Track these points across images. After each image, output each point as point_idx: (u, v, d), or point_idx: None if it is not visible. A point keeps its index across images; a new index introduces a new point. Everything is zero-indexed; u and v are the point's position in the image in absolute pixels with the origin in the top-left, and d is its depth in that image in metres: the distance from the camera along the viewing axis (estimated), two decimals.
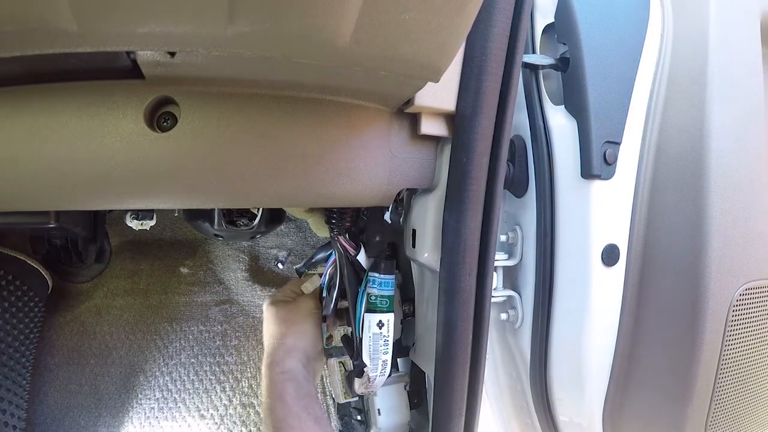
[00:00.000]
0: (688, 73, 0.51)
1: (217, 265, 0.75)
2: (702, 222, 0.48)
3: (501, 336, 0.59)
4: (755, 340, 0.53)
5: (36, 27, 0.21)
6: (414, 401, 0.58)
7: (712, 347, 0.49)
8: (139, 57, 0.27)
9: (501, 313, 0.56)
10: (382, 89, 0.33)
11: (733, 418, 0.53)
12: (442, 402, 0.42)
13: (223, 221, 0.53)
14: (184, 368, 0.71)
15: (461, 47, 0.37)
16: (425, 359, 0.52)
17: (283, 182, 0.34)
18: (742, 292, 0.50)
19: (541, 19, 0.54)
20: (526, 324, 0.54)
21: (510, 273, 0.56)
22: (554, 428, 0.56)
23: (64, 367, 0.66)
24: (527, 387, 0.56)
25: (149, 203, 0.33)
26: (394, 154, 0.39)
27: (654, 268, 0.51)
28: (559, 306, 0.51)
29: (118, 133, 0.30)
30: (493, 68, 0.38)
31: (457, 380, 0.41)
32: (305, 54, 0.25)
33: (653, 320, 0.51)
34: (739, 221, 0.50)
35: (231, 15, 0.21)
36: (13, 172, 0.30)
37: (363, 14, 0.22)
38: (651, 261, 0.51)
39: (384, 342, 0.49)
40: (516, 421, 0.61)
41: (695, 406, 0.49)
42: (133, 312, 0.70)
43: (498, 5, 0.37)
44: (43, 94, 0.30)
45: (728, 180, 0.49)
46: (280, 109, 0.33)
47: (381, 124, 0.38)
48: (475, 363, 0.42)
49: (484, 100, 0.37)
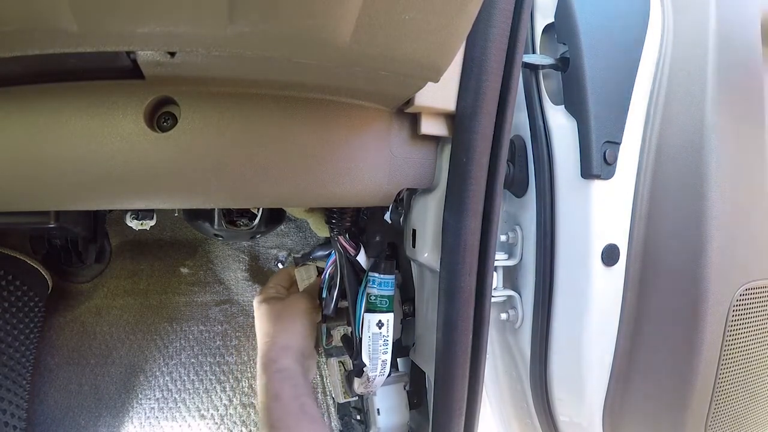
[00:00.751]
0: (688, 73, 0.51)
1: (217, 265, 0.75)
2: (702, 222, 0.48)
3: (501, 336, 0.59)
4: (755, 340, 0.53)
5: (36, 27, 0.21)
6: (414, 401, 0.58)
7: (712, 347, 0.49)
8: (139, 57, 0.27)
9: (501, 313, 0.56)
10: (382, 89, 0.33)
11: (733, 418, 0.53)
12: (442, 402, 0.42)
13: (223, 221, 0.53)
14: (184, 368, 0.71)
15: (461, 47, 0.37)
16: (425, 359, 0.52)
17: (283, 182, 0.34)
18: (742, 292, 0.50)
19: (541, 19, 0.54)
20: (526, 324, 0.54)
21: (510, 273, 0.56)
22: (554, 428, 0.56)
23: (64, 367, 0.66)
24: (527, 387, 0.56)
25: (149, 203, 0.33)
26: (394, 154, 0.39)
27: (654, 268, 0.51)
28: (559, 306, 0.51)
29: (118, 133, 0.30)
30: (493, 68, 0.38)
31: (457, 380, 0.41)
32: (305, 54, 0.25)
33: (653, 320, 0.51)
34: (739, 221, 0.50)
35: (231, 15, 0.21)
36: (13, 172, 0.30)
37: (363, 14, 0.22)
38: (651, 261, 0.51)
39: (384, 342, 0.49)
40: (516, 421, 0.61)
41: (695, 406, 0.49)
42: (133, 312, 0.70)
43: (498, 5, 0.37)
44: (43, 94, 0.30)
45: (728, 180, 0.49)
46: (280, 109, 0.33)
47: (381, 124, 0.38)
48: (475, 363, 0.42)
49: (484, 100, 0.37)
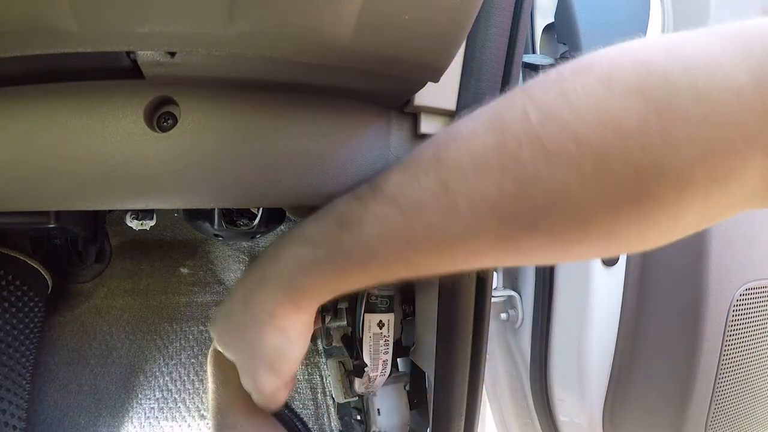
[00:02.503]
0: None
1: (217, 265, 0.75)
2: None
3: (501, 336, 0.59)
4: (755, 340, 0.53)
5: (36, 27, 0.21)
6: (414, 401, 0.58)
7: (712, 347, 0.49)
8: (139, 57, 0.27)
9: (501, 313, 0.56)
10: (382, 89, 0.33)
11: (733, 418, 0.53)
12: (442, 402, 0.42)
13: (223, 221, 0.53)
14: (184, 368, 0.71)
15: (461, 47, 0.37)
16: (425, 359, 0.52)
17: (283, 182, 0.34)
18: (742, 292, 0.50)
19: (541, 19, 0.54)
20: (526, 324, 0.54)
21: (510, 273, 0.56)
22: (554, 428, 0.56)
23: (64, 367, 0.66)
24: (527, 387, 0.56)
25: (149, 203, 0.33)
26: (394, 154, 0.39)
27: (654, 268, 0.51)
28: (559, 306, 0.51)
29: (118, 133, 0.30)
30: (493, 68, 0.38)
31: (457, 380, 0.41)
32: (305, 54, 0.25)
33: (653, 320, 0.51)
34: (740, 221, 0.50)
35: (231, 15, 0.21)
36: (13, 172, 0.30)
37: (363, 14, 0.22)
38: (651, 261, 0.51)
39: (384, 342, 0.49)
40: (516, 421, 0.61)
41: (695, 406, 0.49)
42: (133, 312, 0.70)
43: (498, 5, 0.37)
44: (43, 94, 0.30)
45: None
46: (280, 110, 0.33)
47: (380, 123, 0.38)
48: (475, 363, 0.42)
49: (484, 100, 0.37)
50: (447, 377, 0.41)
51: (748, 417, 0.55)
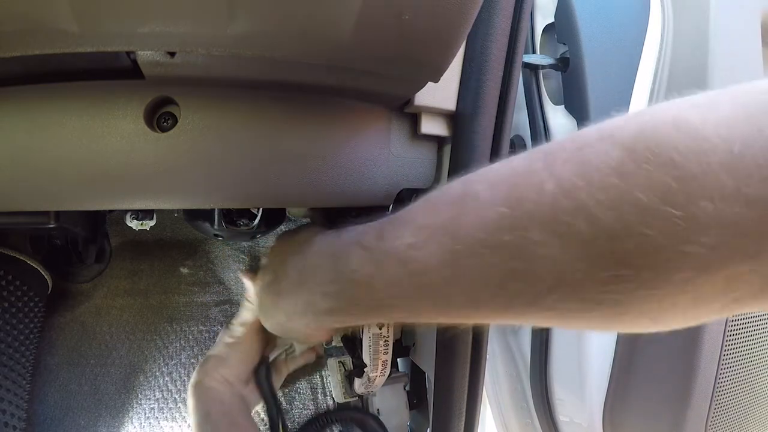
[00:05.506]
0: (689, 72, 0.51)
1: (217, 265, 0.75)
2: None
3: (501, 336, 0.59)
4: (755, 340, 0.53)
5: (36, 27, 0.21)
6: (414, 401, 0.58)
7: (712, 347, 0.49)
8: (139, 57, 0.27)
9: None
10: (382, 89, 0.33)
11: (734, 419, 0.53)
12: (442, 402, 0.42)
13: (223, 221, 0.53)
14: (184, 368, 0.71)
15: (461, 47, 0.37)
16: (425, 359, 0.52)
17: (283, 182, 0.34)
18: None
19: (541, 19, 0.54)
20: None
21: None
22: (554, 428, 0.56)
23: (64, 367, 0.66)
24: (527, 387, 0.56)
25: (149, 203, 0.33)
26: (394, 154, 0.39)
27: None
28: None
29: (118, 133, 0.30)
30: (493, 68, 0.38)
31: (457, 380, 0.41)
32: (305, 54, 0.25)
33: None
34: None
35: (231, 15, 0.21)
36: (13, 172, 0.30)
37: (363, 14, 0.22)
38: None
39: (384, 342, 0.49)
40: (516, 421, 0.61)
41: (695, 406, 0.49)
42: (133, 312, 0.70)
43: (498, 5, 0.37)
44: (43, 94, 0.30)
45: None
46: (280, 110, 0.33)
47: (381, 123, 0.38)
48: (475, 363, 0.42)
49: (484, 100, 0.37)
50: (447, 377, 0.41)
51: (749, 417, 0.55)
